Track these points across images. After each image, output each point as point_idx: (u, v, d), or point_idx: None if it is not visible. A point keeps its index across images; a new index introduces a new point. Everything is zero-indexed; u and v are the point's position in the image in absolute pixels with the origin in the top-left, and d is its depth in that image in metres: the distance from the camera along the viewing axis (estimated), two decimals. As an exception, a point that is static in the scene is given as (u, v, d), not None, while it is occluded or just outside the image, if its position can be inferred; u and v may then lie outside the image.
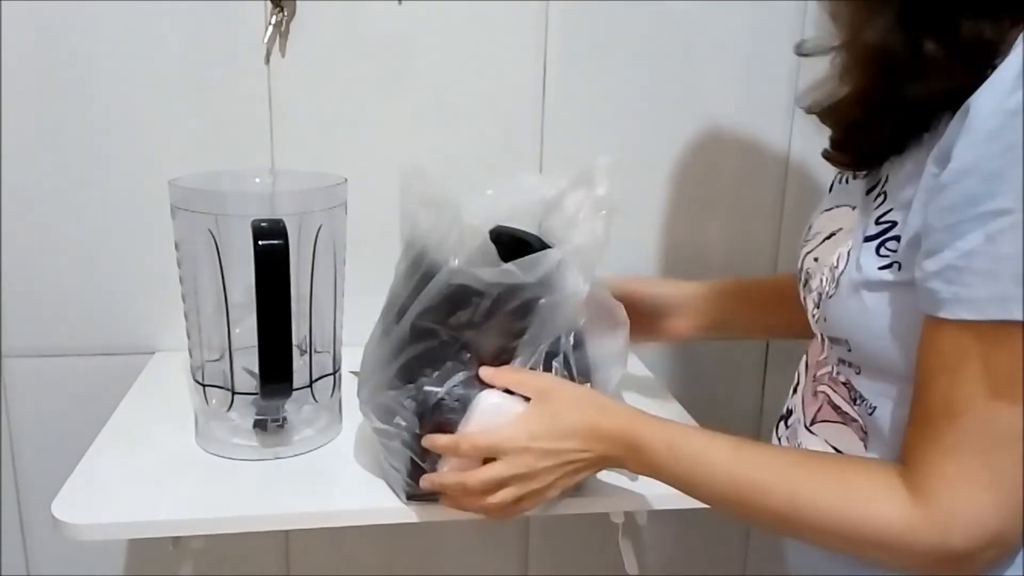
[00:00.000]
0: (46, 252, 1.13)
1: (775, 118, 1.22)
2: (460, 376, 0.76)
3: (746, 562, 1.40)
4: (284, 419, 0.91)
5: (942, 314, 0.60)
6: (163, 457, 0.89)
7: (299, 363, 0.86)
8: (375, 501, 0.83)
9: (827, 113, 0.74)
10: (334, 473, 0.88)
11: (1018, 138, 0.56)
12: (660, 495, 0.84)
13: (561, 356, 0.79)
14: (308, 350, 0.91)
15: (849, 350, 0.71)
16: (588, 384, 0.81)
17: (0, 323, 1.14)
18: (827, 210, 0.80)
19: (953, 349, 0.61)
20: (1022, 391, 0.58)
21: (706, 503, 0.72)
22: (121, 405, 1.01)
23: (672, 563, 1.38)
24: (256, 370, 0.81)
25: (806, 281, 0.78)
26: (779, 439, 0.83)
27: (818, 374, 0.77)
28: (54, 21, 1.06)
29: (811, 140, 1.22)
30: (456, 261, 0.74)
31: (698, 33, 1.17)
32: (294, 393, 0.86)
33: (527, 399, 0.75)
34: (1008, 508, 0.60)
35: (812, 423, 0.77)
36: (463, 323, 0.75)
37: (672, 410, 1.04)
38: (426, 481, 0.78)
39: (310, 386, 0.91)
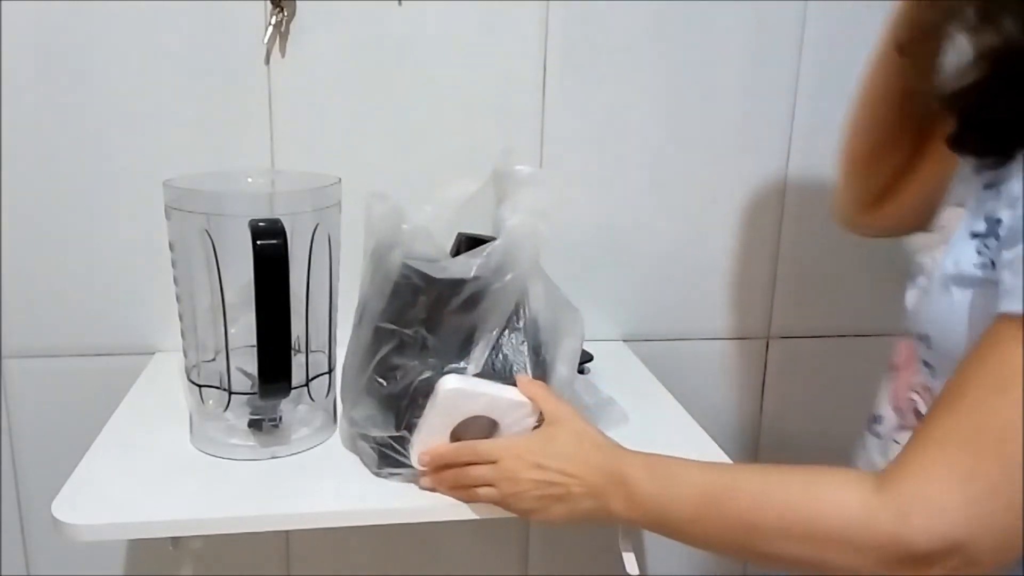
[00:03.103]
0: (46, 252, 1.13)
1: (776, 118, 1.22)
2: (426, 373, 0.80)
3: (746, 562, 1.39)
4: (279, 418, 0.91)
5: (1000, 307, 0.58)
6: (163, 457, 0.89)
7: (295, 362, 0.86)
8: (375, 501, 0.83)
9: (953, 98, 0.71)
10: (332, 472, 0.88)
11: None
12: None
13: (518, 335, 0.83)
14: (304, 349, 0.91)
15: (929, 347, 0.69)
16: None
17: (0, 323, 1.15)
18: (952, 205, 0.76)
19: (990, 341, 0.58)
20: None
21: (680, 527, 0.71)
22: (121, 406, 1.01)
23: (672, 563, 1.38)
24: (250, 370, 0.82)
25: (915, 276, 0.75)
26: (865, 447, 0.80)
27: (911, 380, 0.74)
28: (54, 21, 1.06)
29: (812, 139, 1.22)
30: (397, 255, 0.80)
31: (698, 33, 1.17)
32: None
33: (491, 381, 0.80)
34: (979, 510, 0.55)
35: (899, 430, 0.75)
36: (416, 319, 0.81)
37: (670, 408, 1.04)
38: (425, 456, 0.81)
39: (306, 385, 0.91)
